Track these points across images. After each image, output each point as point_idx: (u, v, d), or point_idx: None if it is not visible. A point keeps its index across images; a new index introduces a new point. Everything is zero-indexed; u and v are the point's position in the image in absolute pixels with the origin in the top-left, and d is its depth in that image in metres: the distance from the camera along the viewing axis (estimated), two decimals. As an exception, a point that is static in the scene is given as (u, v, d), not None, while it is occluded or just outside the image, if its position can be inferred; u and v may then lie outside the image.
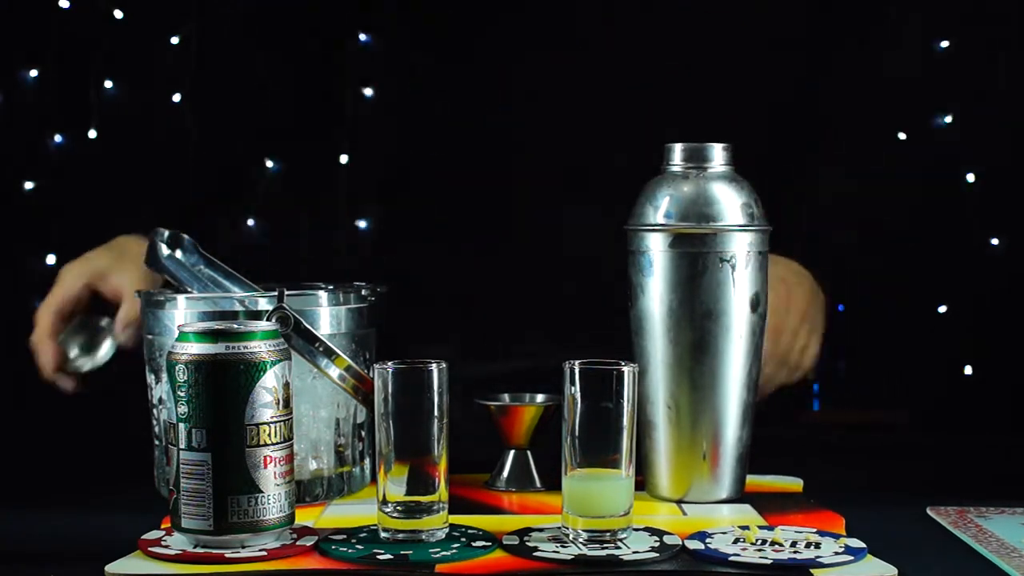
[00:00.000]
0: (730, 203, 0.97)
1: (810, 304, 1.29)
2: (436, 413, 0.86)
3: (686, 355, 0.97)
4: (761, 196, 1.00)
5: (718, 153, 0.99)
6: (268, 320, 0.92)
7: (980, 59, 2.16)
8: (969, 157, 2.14)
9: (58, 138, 2.22)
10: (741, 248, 0.97)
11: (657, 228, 0.98)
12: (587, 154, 1.39)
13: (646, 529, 0.88)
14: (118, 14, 2.19)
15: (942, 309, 2.26)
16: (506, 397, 1.06)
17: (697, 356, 0.97)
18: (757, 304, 0.99)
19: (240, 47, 1.61)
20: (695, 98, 1.36)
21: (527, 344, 1.37)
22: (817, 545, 0.83)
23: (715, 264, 0.97)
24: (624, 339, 1.02)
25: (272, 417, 0.83)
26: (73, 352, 1.20)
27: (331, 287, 1.06)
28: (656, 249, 0.98)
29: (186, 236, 1.04)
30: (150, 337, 1.01)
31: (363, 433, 1.03)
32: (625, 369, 0.85)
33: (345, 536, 0.86)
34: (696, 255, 0.97)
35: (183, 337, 0.84)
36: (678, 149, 1.00)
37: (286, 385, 0.85)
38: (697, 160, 0.99)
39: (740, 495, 1.00)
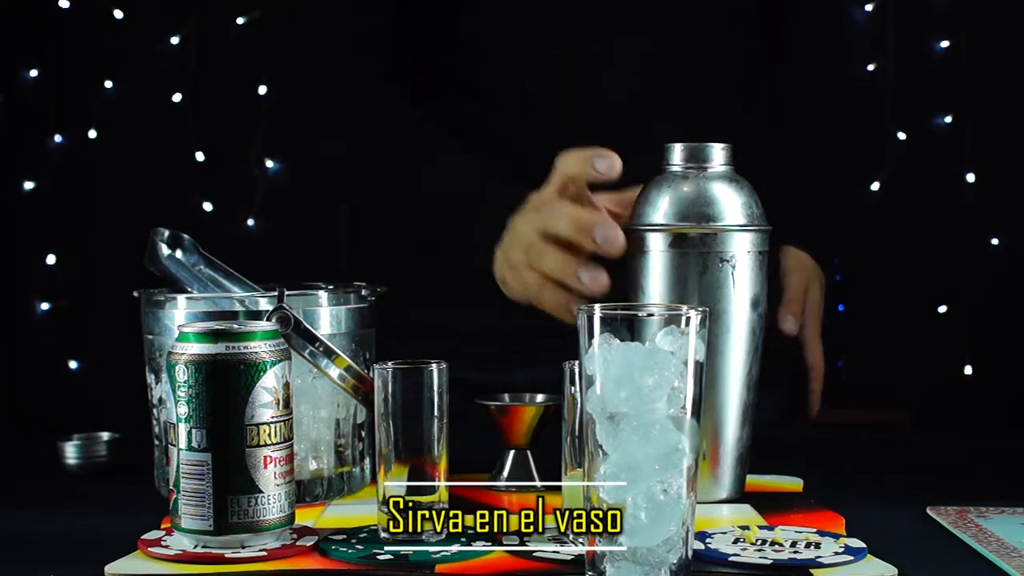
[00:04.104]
0: (730, 203, 0.97)
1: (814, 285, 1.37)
2: (436, 413, 0.86)
3: None
4: (761, 196, 1.00)
5: (718, 153, 0.99)
6: (268, 320, 0.92)
7: (980, 59, 2.16)
8: (969, 157, 2.14)
9: (58, 138, 2.22)
10: (741, 248, 0.97)
11: (657, 228, 0.98)
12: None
13: (646, 529, 0.87)
14: (118, 14, 2.20)
15: (942, 309, 2.27)
16: (506, 397, 1.06)
17: None
18: (757, 304, 0.99)
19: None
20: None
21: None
22: (817, 545, 0.83)
23: (715, 264, 0.97)
24: None
25: (272, 417, 0.83)
26: None
27: (331, 287, 1.06)
28: (656, 249, 0.98)
29: (186, 236, 1.04)
30: (150, 337, 1.01)
31: (363, 433, 1.03)
32: (625, 369, 0.85)
33: (345, 536, 0.87)
34: (696, 255, 0.97)
35: (183, 337, 0.84)
36: (678, 149, 1.00)
37: (286, 385, 0.85)
38: (697, 160, 0.99)
39: (740, 495, 1.00)
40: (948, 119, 2.21)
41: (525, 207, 1.11)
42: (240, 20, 2.20)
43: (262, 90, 2.21)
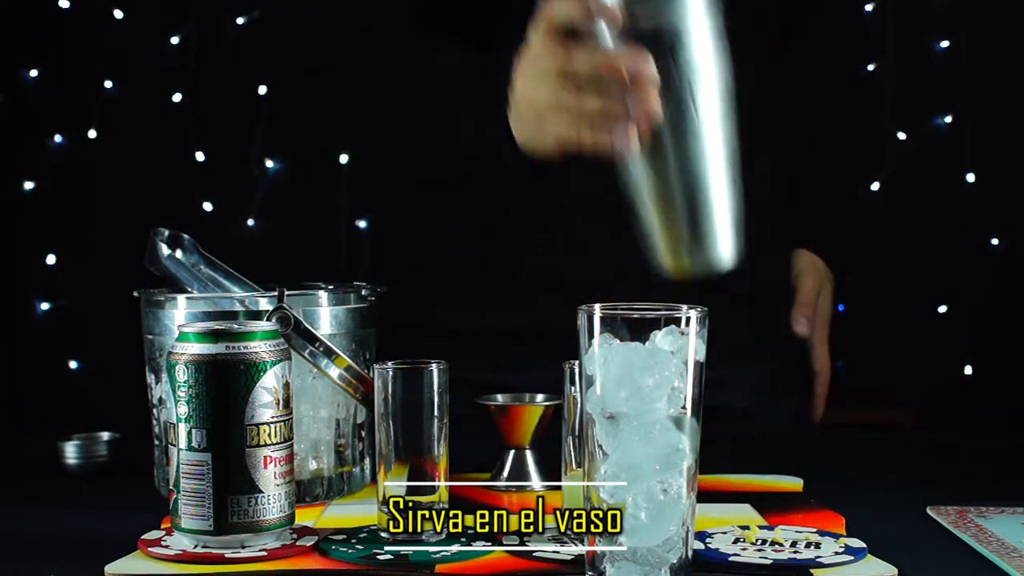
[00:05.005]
0: None
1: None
2: (436, 413, 0.86)
3: None
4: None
5: None
6: (268, 320, 0.92)
7: (980, 59, 2.16)
8: (969, 157, 2.14)
9: (58, 138, 2.22)
10: None
11: None
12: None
13: (646, 529, 0.87)
14: (118, 14, 2.20)
15: (942, 309, 2.27)
16: (506, 397, 1.06)
17: None
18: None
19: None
20: None
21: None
22: (817, 545, 0.83)
23: None
24: None
25: (272, 417, 0.83)
26: None
27: (331, 287, 1.06)
28: None
29: (186, 236, 1.04)
30: (150, 337, 1.01)
31: (363, 433, 1.03)
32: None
33: (345, 536, 0.87)
34: None
35: (183, 337, 0.84)
36: None
37: (286, 385, 0.85)
38: None
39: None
40: (948, 119, 2.21)
41: (523, 60, 1.00)
42: (240, 20, 2.20)
43: (262, 90, 2.21)
